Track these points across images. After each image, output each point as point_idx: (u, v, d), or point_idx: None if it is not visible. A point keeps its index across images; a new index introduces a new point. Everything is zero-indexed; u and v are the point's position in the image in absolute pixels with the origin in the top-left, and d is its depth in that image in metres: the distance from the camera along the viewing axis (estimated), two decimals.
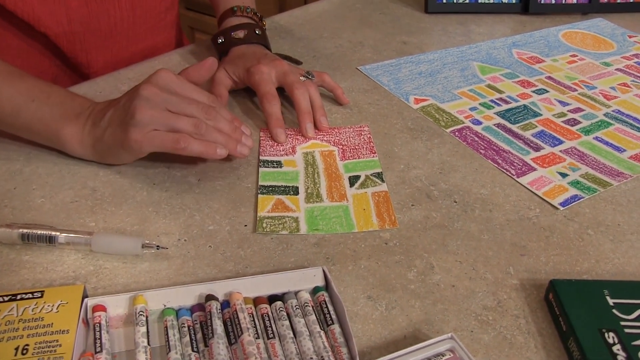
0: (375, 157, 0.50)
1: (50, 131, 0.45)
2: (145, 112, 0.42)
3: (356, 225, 0.42)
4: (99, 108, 0.46)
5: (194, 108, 0.44)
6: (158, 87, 0.43)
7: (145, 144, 0.43)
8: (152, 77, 0.44)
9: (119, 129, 0.44)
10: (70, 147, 0.46)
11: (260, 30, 0.61)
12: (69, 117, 0.45)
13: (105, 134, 0.44)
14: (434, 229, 0.43)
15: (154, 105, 0.42)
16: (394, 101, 0.60)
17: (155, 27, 0.66)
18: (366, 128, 0.55)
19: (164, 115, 0.42)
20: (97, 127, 0.45)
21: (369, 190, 0.46)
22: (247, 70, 0.55)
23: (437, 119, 0.57)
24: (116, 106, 0.45)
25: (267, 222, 0.42)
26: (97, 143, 0.45)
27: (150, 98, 0.43)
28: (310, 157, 0.50)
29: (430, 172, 0.49)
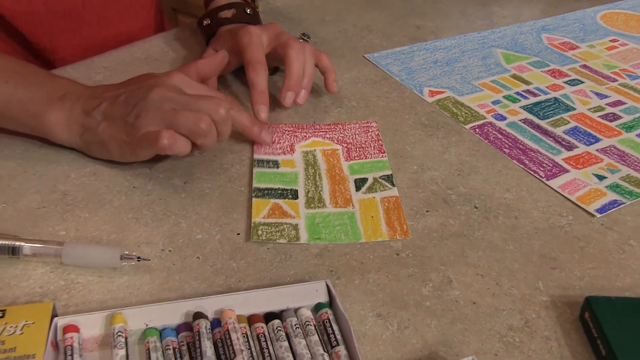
0: (385, 157, 0.51)
1: (30, 116, 0.46)
2: (151, 114, 0.43)
3: (363, 234, 0.43)
4: (90, 94, 0.47)
5: (202, 103, 0.44)
6: (169, 88, 0.44)
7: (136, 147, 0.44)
8: (163, 78, 0.45)
9: (116, 126, 0.45)
10: (54, 133, 0.47)
11: (252, 10, 0.62)
12: (51, 99, 0.46)
13: (100, 127, 0.45)
14: (451, 238, 0.43)
15: (160, 106, 0.44)
16: (406, 94, 0.61)
17: (131, 8, 0.67)
18: (374, 124, 0.56)
19: (164, 113, 0.43)
20: (89, 117, 0.46)
21: (378, 195, 0.47)
22: (235, 36, 0.55)
23: (455, 113, 0.58)
24: (114, 99, 0.46)
25: (262, 229, 0.43)
26: (87, 133, 0.46)
27: (158, 100, 0.44)
28: (311, 156, 0.51)
29: (447, 174, 0.50)
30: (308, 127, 0.55)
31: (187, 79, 0.46)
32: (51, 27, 0.61)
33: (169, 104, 0.43)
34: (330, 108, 0.58)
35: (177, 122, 0.43)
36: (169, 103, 0.43)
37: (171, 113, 0.43)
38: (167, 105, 0.43)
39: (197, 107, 0.44)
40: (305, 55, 0.54)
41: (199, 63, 0.50)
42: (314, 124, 0.56)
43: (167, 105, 0.43)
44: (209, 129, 0.44)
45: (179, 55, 0.66)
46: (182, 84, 0.46)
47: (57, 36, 0.62)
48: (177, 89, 0.45)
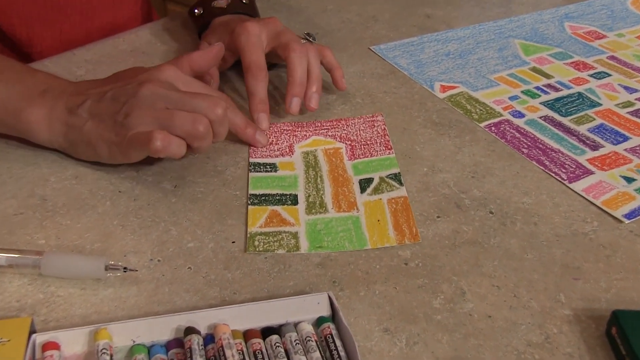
0: (392, 154, 0.52)
1: (7, 114, 0.46)
2: (142, 112, 0.44)
3: (369, 240, 0.43)
4: (73, 89, 0.48)
5: (198, 102, 0.44)
6: (160, 83, 0.45)
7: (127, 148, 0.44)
8: (154, 73, 0.46)
9: (103, 125, 0.45)
10: (35, 132, 0.47)
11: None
12: (31, 96, 0.46)
13: (86, 126, 0.45)
14: (465, 246, 0.44)
15: (152, 104, 0.44)
16: (415, 89, 0.62)
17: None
18: (379, 117, 0.56)
19: (158, 113, 0.44)
20: (73, 115, 0.46)
21: (385, 196, 0.47)
22: (232, 32, 0.56)
23: (469, 110, 0.59)
24: (101, 95, 0.46)
25: (259, 239, 0.43)
26: (71, 132, 0.46)
27: (150, 97, 0.44)
28: (312, 157, 0.52)
29: (461, 176, 0.50)
30: (308, 125, 0.55)
31: (180, 73, 0.47)
32: (29, 17, 0.61)
33: (161, 102, 0.44)
34: (333, 105, 0.59)
35: (172, 123, 0.43)
36: (161, 101, 0.44)
37: (165, 112, 0.43)
38: (160, 104, 0.44)
39: (193, 106, 0.44)
40: (309, 57, 0.55)
41: (193, 56, 0.51)
42: (315, 121, 0.56)
43: (160, 104, 0.44)
44: (207, 131, 0.44)
45: (169, 47, 0.66)
46: (175, 79, 0.46)
47: (35, 27, 0.62)
48: (170, 84, 0.45)
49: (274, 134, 0.54)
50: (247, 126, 0.51)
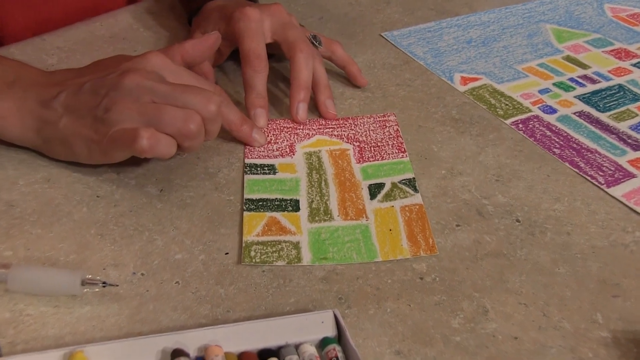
0: (406, 158, 0.53)
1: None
2: (125, 106, 0.43)
3: (379, 252, 0.44)
4: (46, 80, 0.48)
5: (189, 96, 0.44)
6: (145, 74, 0.45)
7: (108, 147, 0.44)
8: (139, 61, 0.46)
9: (82, 121, 0.45)
10: (2, 128, 0.47)
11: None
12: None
13: (62, 122, 0.46)
14: (488, 258, 0.44)
15: (136, 97, 0.44)
16: (433, 81, 0.63)
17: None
18: (392, 117, 0.57)
19: (144, 107, 0.43)
20: (47, 108, 0.46)
21: (397, 204, 0.48)
22: (229, 17, 0.56)
23: (493, 105, 0.59)
24: (78, 87, 0.46)
25: (256, 249, 0.44)
26: (45, 128, 0.47)
27: (134, 89, 0.44)
28: (315, 158, 0.52)
29: (483, 179, 0.51)
30: (311, 122, 0.56)
31: (169, 62, 0.47)
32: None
33: (147, 95, 0.44)
34: (339, 100, 0.60)
35: (160, 120, 0.43)
36: (147, 93, 0.44)
37: (152, 107, 0.43)
38: (146, 97, 0.44)
39: (183, 100, 0.44)
40: (315, 59, 0.56)
41: (186, 45, 0.51)
42: (319, 119, 0.57)
43: (146, 97, 0.44)
44: (199, 130, 0.44)
45: (153, 34, 0.67)
46: (163, 69, 0.46)
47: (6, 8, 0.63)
48: (157, 75, 0.45)
49: (273, 131, 0.55)
50: (243, 123, 0.52)
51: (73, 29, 0.66)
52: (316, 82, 0.57)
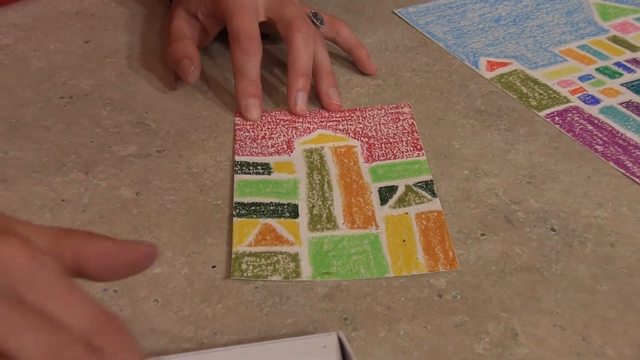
0: (422, 157, 0.54)
1: None
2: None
3: (391, 266, 0.45)
4: None
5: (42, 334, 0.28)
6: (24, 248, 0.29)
7: None
8: (16, 226, 0.30)
9: None
10: None
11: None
12: None
13: None
14: (518, 273, 0.45)
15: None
16: (454, 66, 0.64)
17: None
18: (407, 109, 0.58)
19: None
20: None
21: (412, 210, 0.49)
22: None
23: (525, 95, 0.60)
24: None
25: (248, 262, 0.45)
26: None
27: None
28: (317, 156, 0.54)
29: (513, 181, 0.52)
30: (312, 115, 0.57)
31: (33, 262, 0.29)
32: None
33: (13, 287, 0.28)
34: (345, 88, 0.60)
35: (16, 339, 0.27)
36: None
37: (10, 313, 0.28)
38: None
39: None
40: (316, 45, 0.57)
41: (108, 245, 0.33)
42: (321, 110, 0.58)
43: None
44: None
45: (127, 9, 0.68)
46: (22, 274, 0.29)
47: None
48: (8, 285, 0.28)
49: (268, 125, 0.56)
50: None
51: (33, 2, 0.67)
52: (317, 67, 0.58)
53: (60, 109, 0.57)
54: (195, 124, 0.56)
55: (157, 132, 0.55)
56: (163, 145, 0.54)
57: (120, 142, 0.54)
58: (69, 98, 0.58)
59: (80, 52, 0.64)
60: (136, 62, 0.63)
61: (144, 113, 0.57)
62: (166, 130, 0.55)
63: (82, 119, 0.56)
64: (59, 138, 0.54)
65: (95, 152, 0.53)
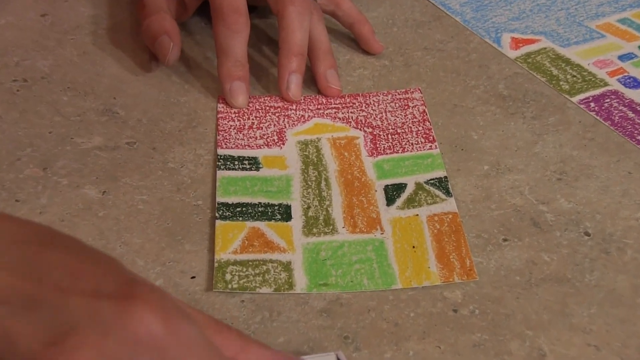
0: (435, 149, 0.54)
1: None
2: None
3: (399, 277, 0.46)
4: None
5: None
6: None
7: None
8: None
9: None
10: None
11: None
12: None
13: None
14: (545, 284, 0.46)
15: None
16: (473, 44, 0.64)
17: None
18: (417, 94, 0.59)
19: None
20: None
21: (424, 212, 0.50)
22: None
23: (555, 77, 0.61)
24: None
25: (233, 271, 0.46)
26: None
27: None
28: (313, 149, 0.54)
29: (541, 177, 0.53)
30: (308, 101, 0.58)
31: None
32: None
33: None
34: (345, 70, 0.61)
35: None
36: None
37: None
38: None
39: None
40: (312, 16, 0.58)
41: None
42: (317, 96, 0.59)
43: None
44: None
45: None
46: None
47: None
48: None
49: (256, 113, 0.57)
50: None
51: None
52: (314, 46, 0.58)
53: (13, 95, 0.58)
54: (171, 112, 0.57)
55: (127, 121, 0.56)
56: (134, 137, 0.55)
57: (84, 133, 0.55)
58: (23, 81, 0.59)
59: (36, 27, 0.64)
60: (102, 38, 0.63)
61: (111, 99, 0.58)
62: (137, 119, 0.56)
63: (38, 105, 0.57)
64: (12, 128, 0.55)
65: (55, 144, 0.53)
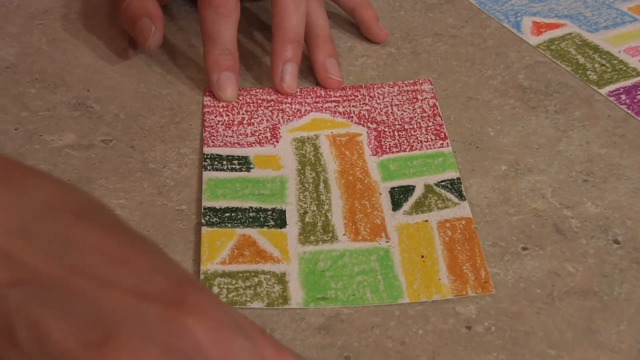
0: (447, 148, 0.55)
1: None
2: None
3: (406, 290, 0.47)
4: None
5: None
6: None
7: None
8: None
9: None
10: None
11: None
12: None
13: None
14: (570, 297, 0.46)
15: None
16: (489, 29, 0.65)
17: None
18: (427, 86, 0.60)
19: None
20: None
21: (434, 217, 0.51)
22: None
23: (582, 66, 0.61)
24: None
25: (221, 283, 0.46)
26: None
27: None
28: (310, 148, 0.55)
29: (565, 179, 0.53)
30: (304, 93, 0.59)
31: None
32: None
33: None
34: (346, 59, 0.62)
35: None
36: None
37: None
38: None
39: None
40: (310, 4, 0.58)
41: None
42: (315, 87, 0.60)
43: None
44: None
45: None
46: None
47: None
48: None
49: (246, 107, 0.57)
50: None
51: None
52: (312, 32, 0.59)
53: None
54: (152, 106, 0.58)
55: (102, 116, 0.57)
56: (110, 134, 0.55)
57: (55, 130, 0.55)
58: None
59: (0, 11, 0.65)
60: (74, 23, 0.64)
61: (84, 91, 0.58)
62: (114, 114, 0.57)
63: (3, 99, 0.57)
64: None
65: (22, 142, 0.54)
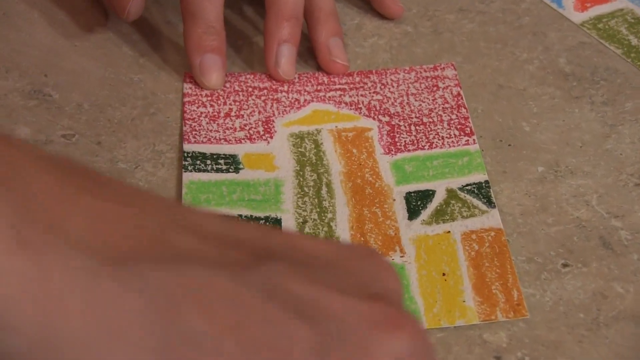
0: (474, 146, 0.56)
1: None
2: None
3: (424, 314, 0.48)
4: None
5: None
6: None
7: None
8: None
9: None
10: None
11: None
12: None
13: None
14: (618, 323, 0.47)
15: None
16: (525, 4, 0.66)
17: None
18: (450, 71, 0.61)
19: None
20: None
21: (457, 228, 0.52)
22: None
23: (635, 48, 0.63)
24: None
25: None
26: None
27: None
28: (311, 145, 0.56)
29: (613, 183, 0.54)
30: (303, 80, 0.60)
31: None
32: None
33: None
34: (354, 39, 0.63)
35: None
36: None
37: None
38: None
39: None
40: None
41: None
42: (316, 73, 0.61)
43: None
44: None
45: None
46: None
47: None
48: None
49: (235, 95, 0.58)
50: None
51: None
52: (313, 7, 0.60)
53: None
54: (122, 94, 0.59)
55: (63, 107, 0.58)
56: (72, 127, 0.56)
57: (6, 122, 0.56)
58: None
59: None
60: None
61: (41, 76, 0.59)
62: (77, 104, 0.58)
63: None
64: None
65: None
